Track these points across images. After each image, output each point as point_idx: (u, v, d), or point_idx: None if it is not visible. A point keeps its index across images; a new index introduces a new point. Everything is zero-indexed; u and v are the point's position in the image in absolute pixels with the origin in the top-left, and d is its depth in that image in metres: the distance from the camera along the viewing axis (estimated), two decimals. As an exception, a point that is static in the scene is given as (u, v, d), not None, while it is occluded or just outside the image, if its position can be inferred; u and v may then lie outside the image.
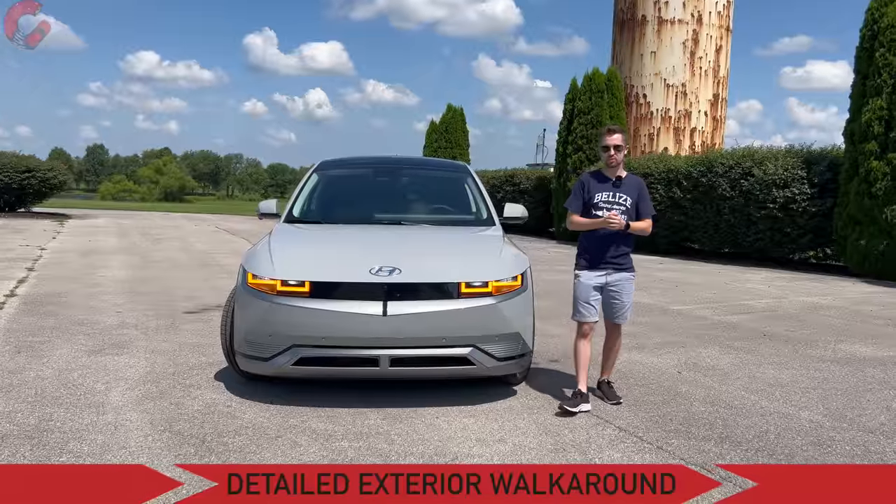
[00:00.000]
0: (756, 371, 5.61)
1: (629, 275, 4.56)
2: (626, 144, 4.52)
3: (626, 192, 4.50)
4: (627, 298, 4.58)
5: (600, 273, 4.50)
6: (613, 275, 4.50)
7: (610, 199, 4.48)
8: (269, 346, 4.36)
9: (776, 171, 12.87)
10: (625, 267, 4.54)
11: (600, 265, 4.50)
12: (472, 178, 6.18)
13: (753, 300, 9.19)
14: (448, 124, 25.68)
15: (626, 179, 4.55)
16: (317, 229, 5.48)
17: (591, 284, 4.50)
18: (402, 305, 4.29)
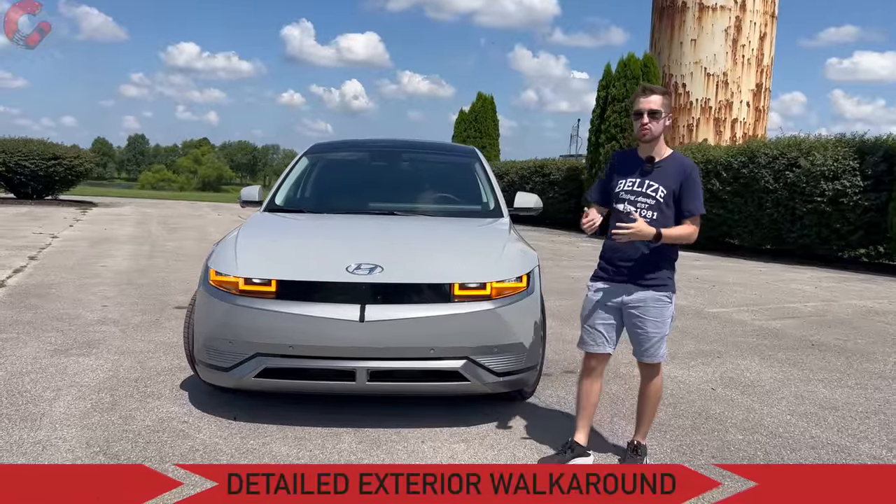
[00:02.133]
0: (804, 389, 4.84)
1: (659, 295, 3.32)
2: (667, 111, 3.29)
3: (659, 181, 3.29)
4: (654, 328, 3.33)
5: (614, 288, 3.40)
6: (635, 293, 3.34)
7: (634, 190, 3.34)
8: (230, 355, 3.75)
9: (825, 161, 11.90)
10: (653, 283, 3.32)
11: (616, 277, 3.39)
12: (481, 163, 5.49)
13: (799, 303, 8.34)
14: (478, 113, 24.93)
15: (666, 162, 3.33)
16: (296, 220, 4.85)
17: (601, 302, 3.43)
18: (382, 310, 3.64)
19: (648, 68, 18.33)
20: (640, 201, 3.34)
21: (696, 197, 3.31)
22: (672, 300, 3.39)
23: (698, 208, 3.31)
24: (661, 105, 3.29)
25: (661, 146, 3.38)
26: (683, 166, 3.35)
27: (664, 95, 3.33)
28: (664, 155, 3.38)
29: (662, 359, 3.44)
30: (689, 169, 3.34)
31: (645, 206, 3.33)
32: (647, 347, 3.40)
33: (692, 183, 3.31)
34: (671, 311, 3.39)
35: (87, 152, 25.85)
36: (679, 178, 3.31)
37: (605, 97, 18.47)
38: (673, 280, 3.41)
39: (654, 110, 3.29)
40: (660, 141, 3.36)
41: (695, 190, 3.31)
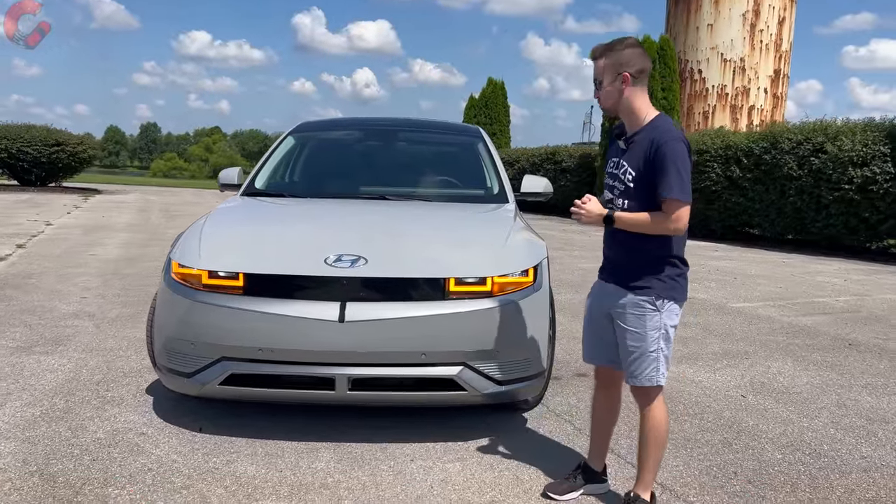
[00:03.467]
0: (846, 396, 4.31)
1: (638, 299, 2.65)
2: (612, 74, 2.62)
3: (629, 161, 2.65)
4: (632, 341, 2.66)
5: (605, 288, 2.81)
6: (617, 296, 2.71)
7: (612, 172, 2.75)
8: (192, 358, 3.27)
9: (853, 147, 11.26)
10: (633, 285, 2.66)
11: (605, 275, 2.84)
12: (485, 143, 4.95)
13: (829, 297, 7.77)
14: (488, 99, 24.29)
15: (639, 136, 2.64)
16: (275, 205, 4.33)
17: (594, 305, 2.86)
18: (366, 308, 3.15)
19: (665, 51, 17.67)
20: (615, 187, 2.71)
21: (666, 174, 2.52)
22: (659, 307, 2.64)
23: (672, 190, 2.51)
24: (601, 71, 2.65)
25: (634, 117, 2.66)
26: (652, 139, 2.58)
27: (604, 56, 2.64)
28: (640, 126, 2.65)
29: (651, 383, 2.66)
30: (660, 140, 2.55)
31: (618, 191, 2.69)
32: (626, 365, 2.71)
33: (661, 158, 2.53)
34: (658, 322, 2.64)
35: (91, 138, 25.52)
36: (646, 153, 2.58)
37: (620, 81, 17.84)
38: (665, 282, 2.65)
39: (595, 80, 2.70)
40: (629, 111, 2.66)
41: (664, 166, 2.53)
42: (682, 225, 2.58)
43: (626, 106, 2.67)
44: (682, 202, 2.56)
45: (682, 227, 2.59)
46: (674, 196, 2.54)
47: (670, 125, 2.67)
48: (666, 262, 2.69)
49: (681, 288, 2.71)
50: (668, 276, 2.68)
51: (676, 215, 2.56)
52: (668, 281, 2.68)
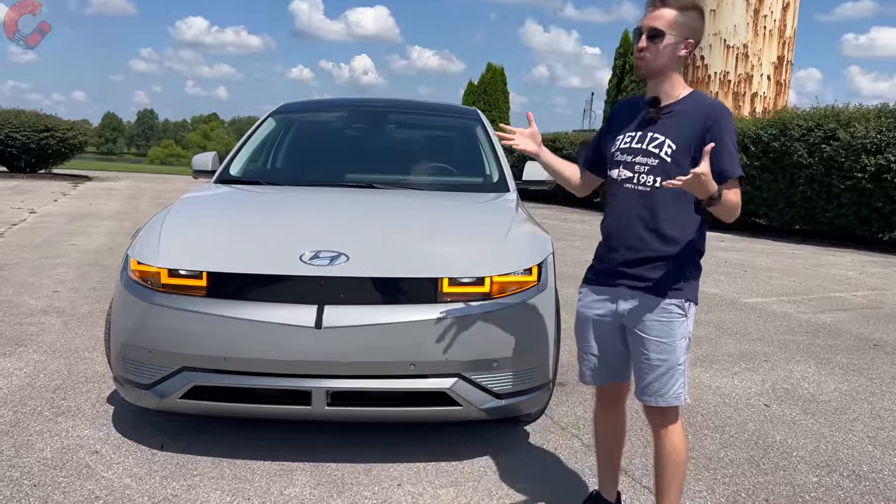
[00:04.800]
0: (879, 405, 3.92)
1: (665, 303, 2.26)
2: (680, 34, 2.23)
3: (666, 132, 2.26)
4: (657, 353, 2.26)
5: (605, 293, 2.39)
6: (630, 299, 2.31)
7: (632, 147, 2.32)
8: (150, 368, 2.87)
9: (867, 133, 10.82)
10: (656, 285, 2.28)
11: (605, 277, 2.39)
12: (484, 127, 4.53)
13: (846, 292, 7.38)
14: (487, 85, 23.83)
15: (680, 105, 2.27)
16: (250, 194, 3.90)
17: (591, 315, 2.44)
18: (346, 312, 2.75)
19: (669, 35, 17.18)
20: (638, 163, 2.29)
21: (731, 153, 2.20)
22: (688, 312, 2.29)
23: (735, 168, 2.20)
24: (669, 23, 2.22)
25: (674, 84, 2.29)
26: (706, 109, 2.24)
27: (682, 10, 2.23)
28: (678, 96, 2.29)
29: (679, 401, 2.29)
30: (717, 113, 2.22)
31: (645, 168, 2.28)
32: (648, 382, 2.29)
33: (722, 132, 2.19)
34: (686, 329, 2.28)
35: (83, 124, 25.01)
36: (699, 127, 2.21)
37: (623, 66, 17.40)
38: (692, 282, 2.30)
39: (656, 30, 2.22)
40: (671, 77, 2.28)
41: (726, 141, 2.19)
42: None
43: (670, 73, 2.28)
44: (742, 182, 2.28)
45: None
46: (740, 174, 2.24)
47: (717, 100, 2.32)
48: (691, 256, 2.33)
49: (698, 287, 2.37)
50: (694, 275, 2.33)
51: (740, 197, 2.26)
52: (692, 280, 2.32)
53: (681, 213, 2.28)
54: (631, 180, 2.32)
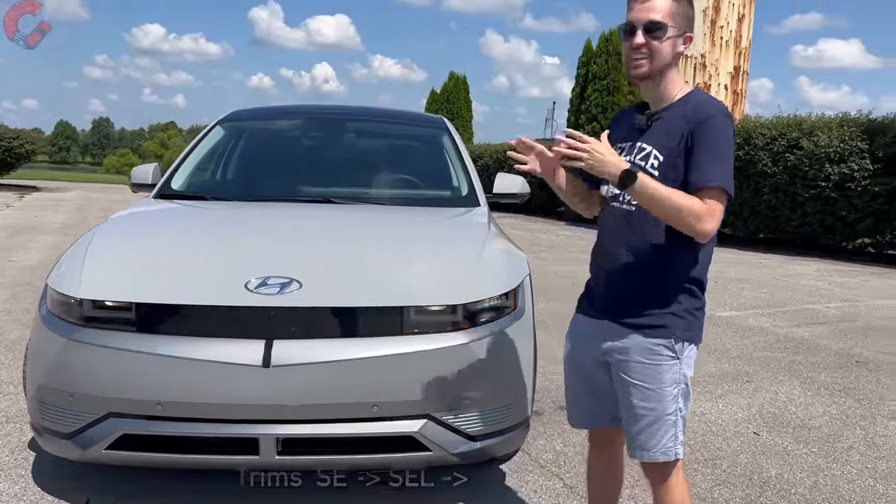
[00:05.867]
0: (872, 431, 3.70)
1: (651, 343, 1.96)
2: (680, 26, 1.94)
3: (653, 141, 1.96)
4: (642, 400, 1.98)
5: (593, 327, 2.08)
6: (616, 338, 2.01)
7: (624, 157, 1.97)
8: (71, 414, 2.49)
9: (830, 142, 10.82)
10: (643, 322, 1.97)
11: (593, 308, 2.10)
12: (451, 136, 4.22)
13: (818, 303, 7.25)
14: (450, 94, 23.62)
15: (671, 109, 1.96)
16: (192, 211, 3.51)
17: (578, 350, 2.15)
18: (299, 347, 2.41)
19: (632, 44, 17.19)
20: None
21: (710, 155, 1.85)
22: (678, 353, 1.97)
23: (714, 175, 1.84)
24: (668, 14, 1.91)
25: (671, 85, 1.97)
26: (695, 110, 1.91)
27: (676, 1, 1.93)
28: (674, 97, 1.97)
29: (669, 457, 1.99)
30: (706, 112, 1.89)
31: None
32: (634, 433, 2.01)
33: (705, 134, 1.86)
34: (677, 374, 1.97)
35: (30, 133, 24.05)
36: (684, 130, 1.89)
37: (586, 75, 17.33)
38: (684, 318, 1.98)
39: (656, 23, 1.90)
40: (669, 77, 1.96)
41: (709, 145, 1.86)
42: (714, 225, 1.86)
43: (668, 73, 1.96)
44: (726, 194, 1.87)
45: (712, 229, 1.86)
46: (717, 184, 1.84)
47: (711, 98, 2.00)
48: (686, 288, 2.00)
49: (699, 325, 2.03)
50: (688, 309, 2.00)
51: (712, 209, 1.84)
52: (686, 317, 1.99)
53: (672, 236, 1.94)
54: (617, 198, 2.03)
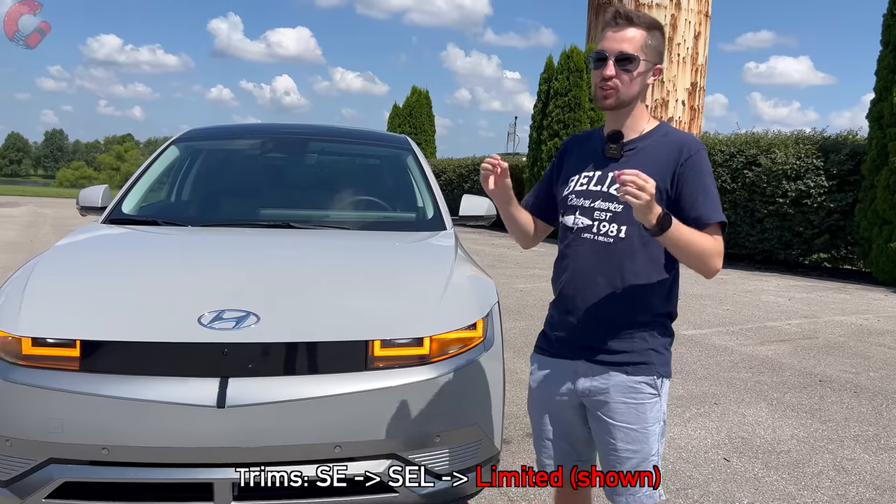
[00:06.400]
0: (840, 455, 3.69)
1: (633, 381, 1.89)
2: (653, 58, 1.92)
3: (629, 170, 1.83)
4: (626, 442, 1.90)
5: (560, 366, 2.00)
6: (591, 376, 1.93)
7: (590, 190, 1.94)
8: (8, 461, 2.31)
9: (787, 159, 11.03)
10: (623, 359, 1.90)
11: (560, 347, 2.00)
12: (415, 156, 4.12)
13: (779, 320, 7.31)
14: (412, 108, 23.58)
15: (647, 140, 1.92)
16: (142, 237, 3.33)
17: (545, 395, 2.04)
18: (256, 386, 2.27)
19: (592, 61, 17.37)
20: (598, 208, 1.92)
21: (705, 192, 1.84)
22: (661, 391, 1.92)
23: (713, 213, 1.84)
24: (640, 47, 1.88)
25: (639, 116, 1.95)
26: (678, 144, 1.88)
27: (649, 31, 1.91)
28: (642, 130, 1.94)
29: (651, 500, 1.93)
30: (692, 147, 1.87)
31: (606, 215, 1.91)
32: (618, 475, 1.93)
33: (695, 170, 1.85)
34: (659, 411, 1.92)
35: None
36: (670, 165, 1.86)
37: (548, 91, 17.42)
38: (662, 353, 1.94)
39: (628, 55, 1.86)
40: (637, 108, 1.94)
41: (701, 182, 1.85)
42: (721, 261, 1.87)
43: (636, 104, 1.94)
44: (724, 229, 1.89)
45: (720, 266, 1.87)
46: (721, 219, 1.85)
47: (688, 132, 1.97)
48: (662, 322, 1.96)
49: (670, 358, 1.99)
50: (663, 343, 1.96)
51: (720, 246, 1.85)
52: (664, 352, 1.96)
53: (651, 268, 1.91)
54: (590, 229, 1.95)
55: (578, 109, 16.84)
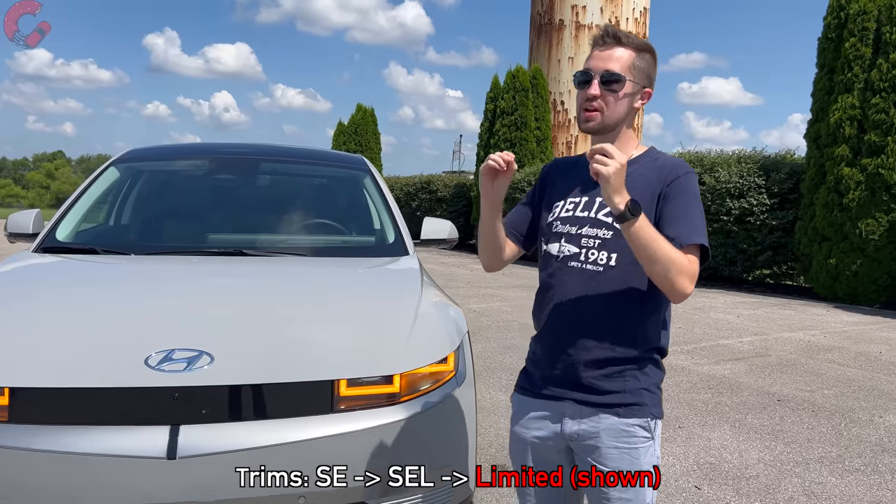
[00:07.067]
0: (808, 478, 3.65)
1: (626, 424, 1.77)
2: (641, 80, 1.81)
3: None
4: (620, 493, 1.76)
5: (546, 407, 1.85)
6: (580, 419, 1.79)
7: (577, 216, 1.82)
8: (-76, 528, 2.03)
9: (730, 178, 11.26)
10: (611, 402, 1.77)
11: (545, 385, 1.85)
12: (373, 177, 3.95)
13: (731, 338, 7.37)
14: (358, 125, 23.37)
15: (632, 166, 1.76)
16: (79, 267, 3.03)
17: (529, 437, 1.88)
18: (211, 434, 2.07)
19: (537, 80, 17.59)
20: (585, 235, 1.79)
21: (689, 215, 1.73)
22: (654, 433, 1.80)
23: (692, 234, 1.70)
24: (627, 67, 1.78)
25: (626, 141, 1.84)
26: (666, 168, 1.78)
27: (639, 52, 1.80)
28: (630, 156, 1.83)
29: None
30: (679, 171, 1.77)
31: (595, 242, 1.78)
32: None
33: (681, 193, 1.74)
34: (653, 455, 1.79)
35: None
36: (657, 188, 1.76)
37: (494, 110, 17.49)
38: (654, 393, 1.81)
39: (613, 74, 1.76)
40: (624, 133, 1.83)
41: (686, 205, 1.74)
42: (692, 287, 1.69)
43: (623, 128, 1.83)
44: (706, 254, 1.73)
45: (690, 290, 1.69)
46: (700, 241, 1.70)
47: (677, 157, 1.85)
48: (654, 359, 1.83)
49: (661, 397, 1.86)
50: (656, 382, 1.83)
51: (694, 268, 1.68)
52: (657, 391, 1.83)
53: (644, 298, 1.77)
54: (577, 257, 1.81)
55: (525, 128, 16.95)
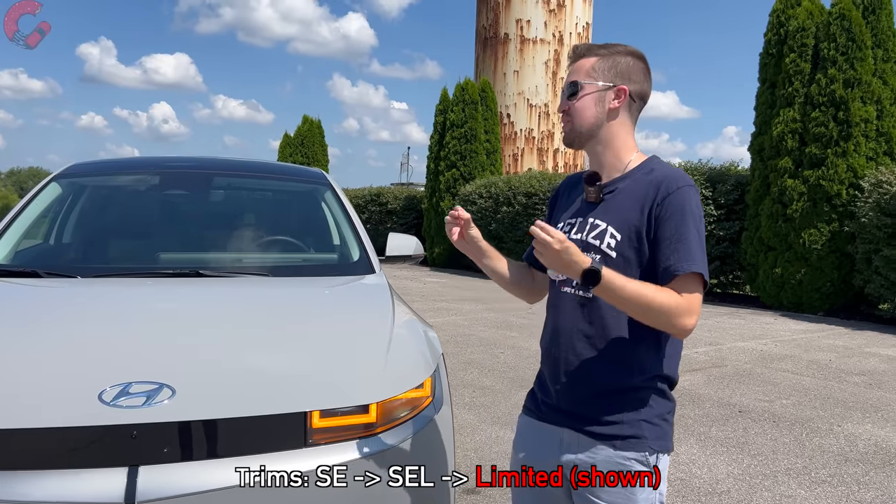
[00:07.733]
0: (777, 492, 3.64)
1: (622, 458, 1.67)
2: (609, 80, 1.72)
3: (607, 217, 1.70)
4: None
5: (547, 432, 1.78)
6: (573, 449, 1.72)
7: (571, 238, 1.68)
8: None
9: (678, 190, 11.45)
10: (606, 432, 1.68)
11: (548, 413, 1.79)
12: (334, 192, 3.80)
13: (687, 348, 7.42)
14: (304, 137, 23.03)
15: (628, 179, 1.72)
16: (19, 292, 2.77)
17: (529, 459, 1.81)
18: (173, 475, 1.89)
19: (486, 93, 17.64)
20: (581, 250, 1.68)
21: (683, 237, 1.60)
22: (654, 468, 1.68)
23: (686, 262, 1.58)
24: (586, 72, 1.72)
25: (620, 151, 1.75)
26: (658, 181, 1.66)
27: (603, 57, 1.73)
28: (626, 167, 1.74)
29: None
30: (672, 185, 1.64)
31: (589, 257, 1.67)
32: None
33: (674, 211, 1.61)
34: (653, 492, 1.67)
35: None
36: (646, 205, 1.65)
37: (444, 122, 17.44)
38: (658, 425, 1.70)
39: (573, 83, 1.73)
40: (613, 141, 1.74)
41: (681, 225, 1.61)
42: (695, 321, 1.59)
43: (609, 136, 1.74)
44: (704, 282, 1.61)
45: (693, 325, 1.59)
46: (696, 269, 1.58)
47: (676, 168, 1.76)
48: (658, 388, 1.72)
49: (671, 431, 1.76)
50: (660, 413, 1.72)
51: (691, 303, 1.57)
52: (660, 423, 1.72)
53: (636, 326, 1.67)
54: (569, 282, 1.74)
55: (474, 141, 16.96)
